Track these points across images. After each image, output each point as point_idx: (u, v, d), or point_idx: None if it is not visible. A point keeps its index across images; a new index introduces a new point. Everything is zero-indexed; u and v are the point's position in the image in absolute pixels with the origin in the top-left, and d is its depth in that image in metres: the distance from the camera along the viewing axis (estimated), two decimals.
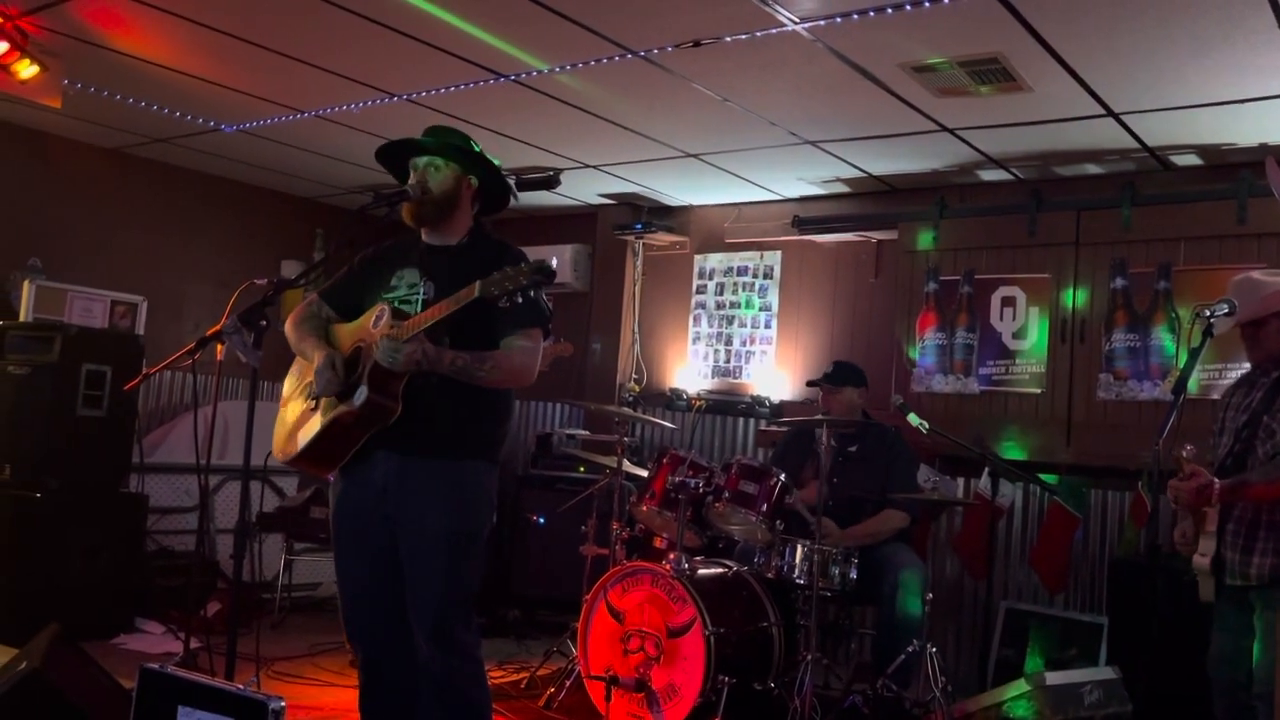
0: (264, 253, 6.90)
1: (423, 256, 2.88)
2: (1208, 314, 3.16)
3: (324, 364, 2.74)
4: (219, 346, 2.74)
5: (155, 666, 2.28)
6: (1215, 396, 4.25)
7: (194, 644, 4.26)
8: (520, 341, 2.76)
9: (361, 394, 2.65)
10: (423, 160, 2.87)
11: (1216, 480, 2.93)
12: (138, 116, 5.47)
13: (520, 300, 2.54)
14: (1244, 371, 3.60)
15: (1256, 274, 3.31)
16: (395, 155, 2.97)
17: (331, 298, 2.99)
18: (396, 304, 2.79)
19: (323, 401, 2.78)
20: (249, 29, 4.15)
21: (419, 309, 2.75)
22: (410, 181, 2.86)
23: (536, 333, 2.79)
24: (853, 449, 4.62)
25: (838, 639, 4.72)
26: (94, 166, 6.21)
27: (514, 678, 4.68)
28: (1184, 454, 2.98)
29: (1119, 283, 4.89)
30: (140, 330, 6.02)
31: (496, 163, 2.97)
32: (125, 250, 6.31)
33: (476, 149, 2.92)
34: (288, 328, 2.95)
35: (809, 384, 4.93)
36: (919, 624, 4.06)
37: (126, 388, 3.23)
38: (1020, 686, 3.67)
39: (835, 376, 4.70)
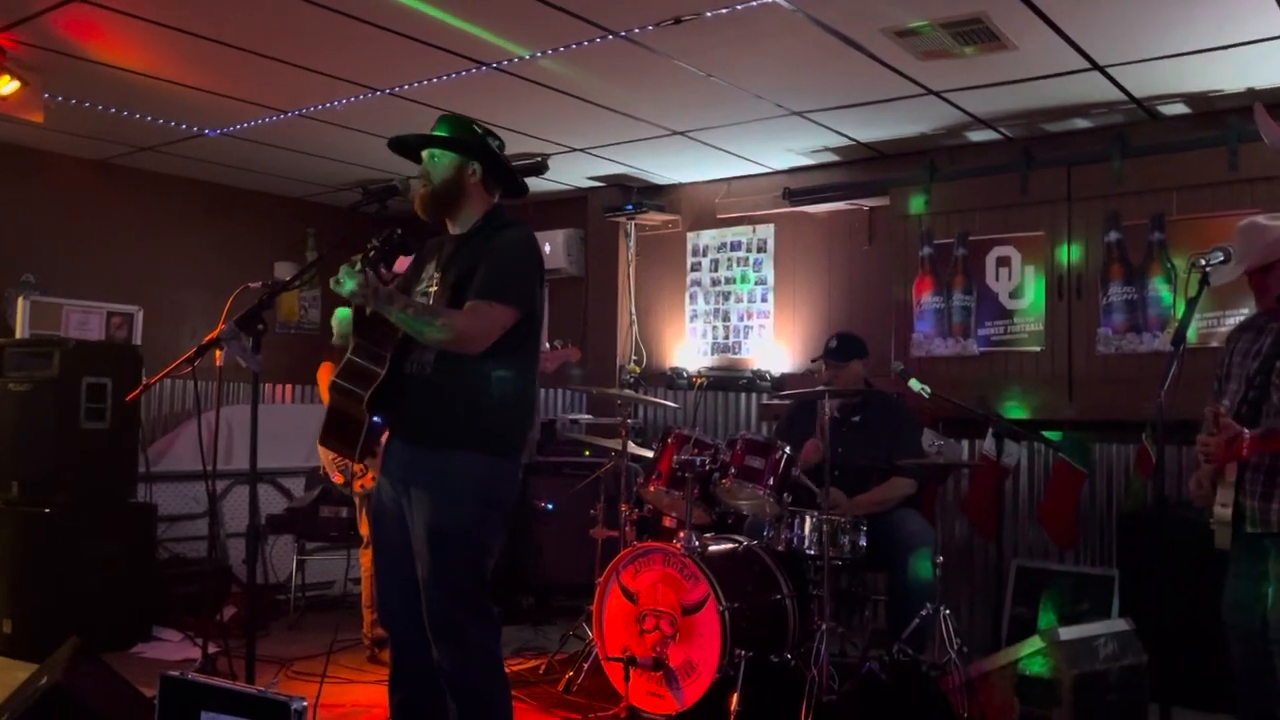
0: (257, 255, 6.89)
1: (442, 248, 2.90)
2: (1203, 263, 3.16)
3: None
4: (218, 352, 2.74)
5: (176, 674, 2.29)
6: (1215, 345, 4.25)
7: (212, 649, 4.28)
8: (475, 305, 2.71)
9: (336, 377, 2.78)
10: (424, 154, 2.89)
11: (1246, 432, 2.92)
12: (121, 126, 5.45)
13: (376, 271, 2.60)
14: (1244, 316, 3.60)
15: (1262, 218, 3.29)
16: (411, 151, 2.97)
17: None
18: (418, 297, 2.84)
19: None
20: (226, 32, 4.13)
21: (430, 301, 2.82)
22: (402, 176, 2.88)
23: (497, 305, 2.71)
24: (856, 418, 4.63)
25: (851, 607, 4.74)
26: (82, 179, 6.19)
27: (532, 664, 4.71)
28: (1221, 409, 2.98)
29: (1113, 236, 4.89)
30: (138, 340, 6.01)
31: (496, 144, 2.94)
32: (118, 261, 6.31)
33: (478, 131, 2.90)
34: None
35: (814, 361, 4.92)
36: (931, 587, 4.08)
37: (128, 398, 3.24)
38: (1035, 643, 3.69)
39: (840, 352, 4.68)
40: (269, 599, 5.71)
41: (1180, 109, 4.81)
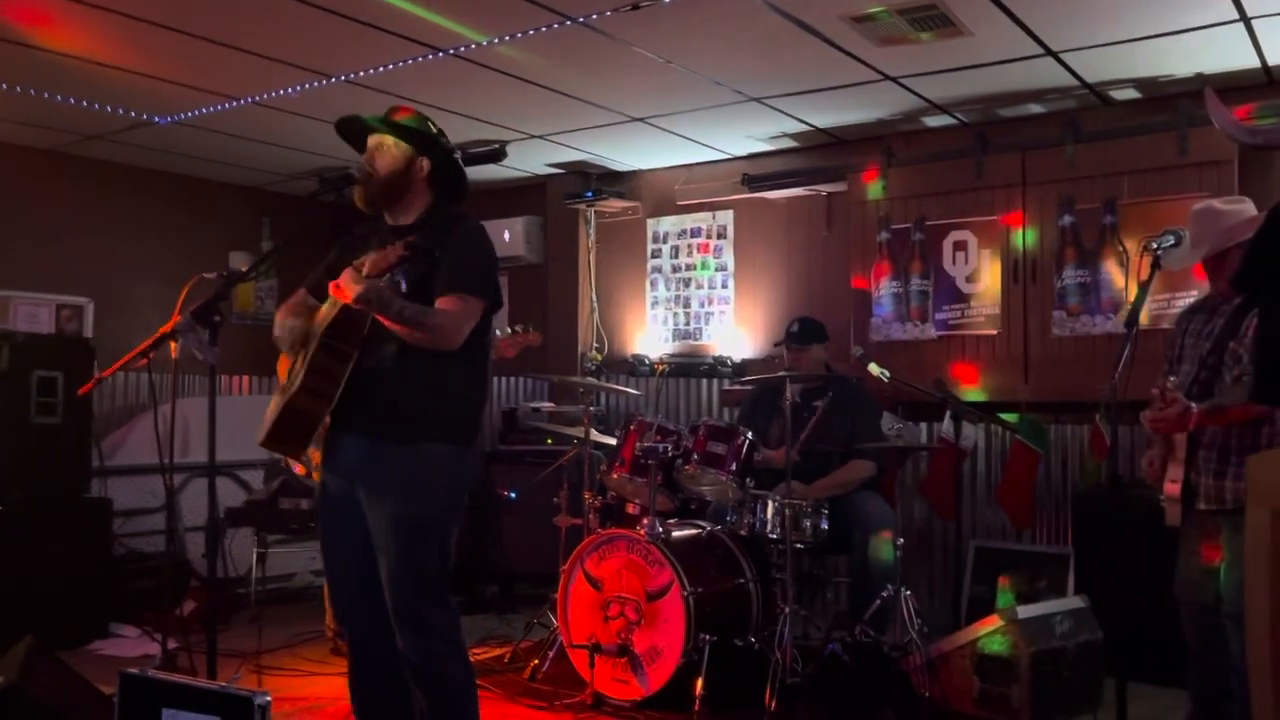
0: (211, 245, 6.78)
1: (383, 239, 2.86)
2: (1155, 246, 3.20)
3: (282, 318, 2.87)
4: (173, 344, 2.70)
5: (135, 671, 2.26)
6: (1166, 326, 4.33)
7: (172, 644, 4.23)
8: (452, 301, 2.72)
9: (299, 377, 2.70)
10: (373, 141, 2.85)
11: (1193, 405, 2.98)
12: (68, 114, 5.33)
13: (399, 278, 2.56)
14: (1193, 298, 3.66)
15: (1218, 203, 3.33)
16: (357, 135, 2.92)
17: (313, 288, 2.98)
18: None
19: (285, 386, 2.81)
20: (175, 17, 4.04)
21: None
22: (360, 163, 2.83)
23: (471, 299, 2.73)
24: (817, 403, 4.66)
25: (813, 590, 4.79)
26: (29, 169, 6.05)
27: (496, 652, 4.70)
28: (1169, 384, 3.03)
29: (1067, 220, 4.95)
30: (89, 333, 5.90)
31: (447, 143, 2.91)
32: (67, 252, 6.17)
33: (433, 129, 2.88)
34: (275, 320, 2.97)
35: (776, 345, 4.94)
36: (892, 569, 4.13)
37: (81, 392, 3.16)
38: (994, 622, 3.76)
39: (801, 336, 4.72)
40: (229, 593, 5.64)
41: (1131, 94, 4.88)
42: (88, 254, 6.27)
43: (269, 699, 2.10)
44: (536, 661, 4.32)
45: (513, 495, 5.83)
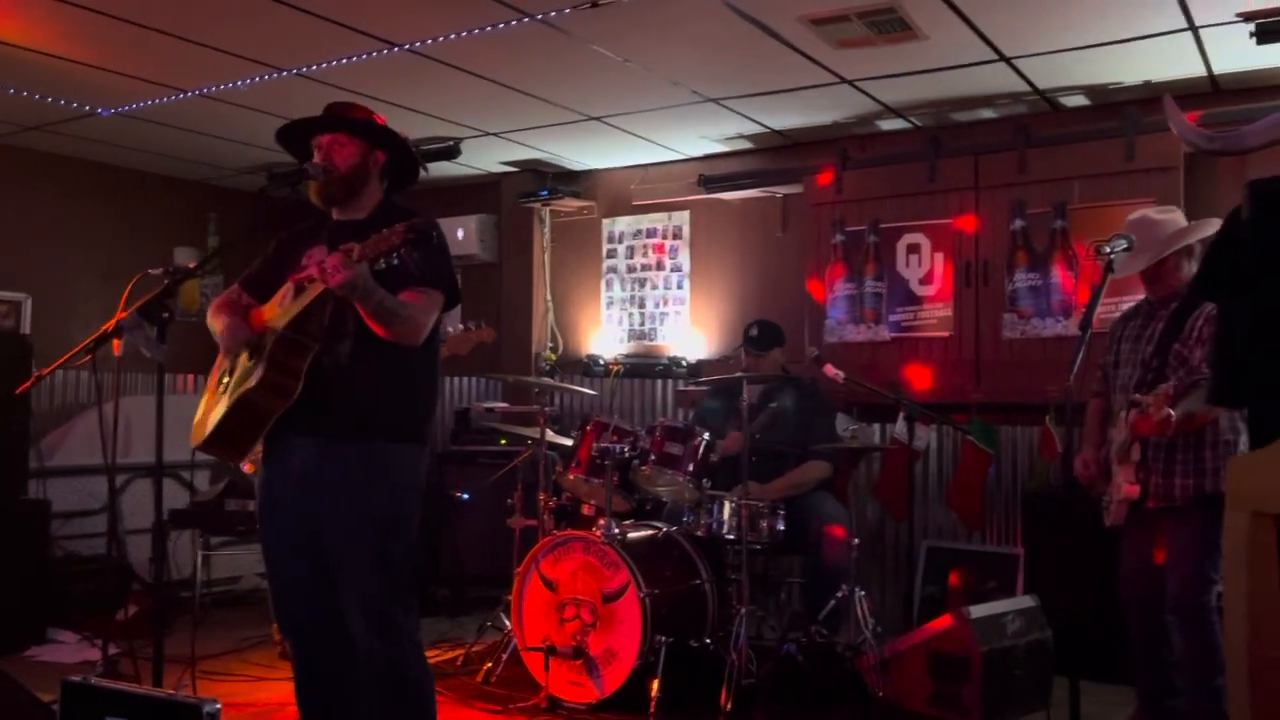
0: (155, 241, 6.61)
1: (331, 234, 2.80)
2: (1108, 250, 3.26)
3: (230, 320, 2.75)
4: (116, 341, 2.62)
5: (78, 679, 2.19)
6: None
7: (113, 650, 4.12)
8: (417, 295, 2.69)
9: (259, 372, 2.61)
10: (325, 138, 2.79)
11: (1171, 412, 3.04)
12: (5, 104, 5.16)
13: (397, 261, 2.51)
14: (1131, 304, 3.73)
15: (1153, 213, 3.40)
16: (295, 135, 2.87)
17: (250, 285, 2.92)
18: (305, 284, 2.71)
19: (230, 385, 2.74)
20: (119, 5, 3.93)
21: None
22: (314, 160, 2.78)
23: (434, 293, 2.72)
24: (773, 404, 4.67)
25: (768, 590, 4.80)
26: None
27: (449, 655, 4.64)
28: (1170, 389, 3.09)
29: (1018, 224, 5.01)
30: (26, 329, 5.74)
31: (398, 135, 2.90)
32: (4, 246, 5.98)
33: (378, 123, 2.86)
34: (209, 318, 2.87)
35: (737, 348, 4.94)
36: (846, 569, 4.14)
37: (19, 390, 3.06)
38: (946, 622, 3.79)
39: (761, 341, 4.72)
40: (173, 596, 5.51)
41: (1081, 100, 4.96)
42: (26, 248, 6.08)
43: (218, 706, 2.04)
44: (490, 664, 4.27)
45: (465, 496, 5.77)
